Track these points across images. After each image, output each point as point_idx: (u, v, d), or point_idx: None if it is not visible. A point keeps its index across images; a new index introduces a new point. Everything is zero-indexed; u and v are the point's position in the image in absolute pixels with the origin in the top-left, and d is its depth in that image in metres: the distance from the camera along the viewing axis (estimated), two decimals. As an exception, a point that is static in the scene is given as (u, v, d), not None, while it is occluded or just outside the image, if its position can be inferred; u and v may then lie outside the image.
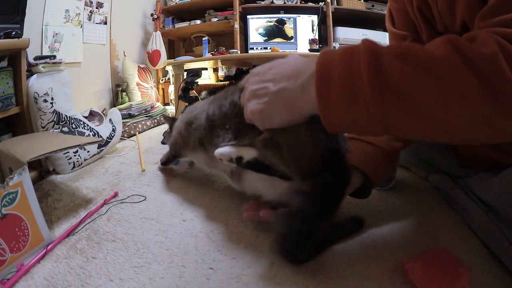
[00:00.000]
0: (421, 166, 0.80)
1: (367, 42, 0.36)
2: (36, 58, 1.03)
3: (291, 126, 0.43)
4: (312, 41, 2.02)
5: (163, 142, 1.26)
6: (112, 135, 1.14)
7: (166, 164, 0.88)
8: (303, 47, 2.14)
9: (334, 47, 2.05)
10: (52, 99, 0.97)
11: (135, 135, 1.50)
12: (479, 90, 0.32)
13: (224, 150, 0.52)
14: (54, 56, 1.08)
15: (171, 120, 0.85)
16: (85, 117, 1.16)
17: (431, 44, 0.35)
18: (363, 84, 0.34)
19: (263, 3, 2.17)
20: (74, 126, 1.02)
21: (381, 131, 0.36)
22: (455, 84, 0.32)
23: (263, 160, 0.48)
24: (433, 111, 0.34)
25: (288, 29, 2.17)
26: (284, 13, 2.17)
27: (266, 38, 2.21)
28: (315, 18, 2.14)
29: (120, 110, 1.44)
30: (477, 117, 0.33)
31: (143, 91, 1.91)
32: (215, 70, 2.49)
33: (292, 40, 2.17)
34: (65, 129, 0.99)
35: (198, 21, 2.21)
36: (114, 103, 1.84)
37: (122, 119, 1.28)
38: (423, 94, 0.33)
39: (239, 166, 0.51)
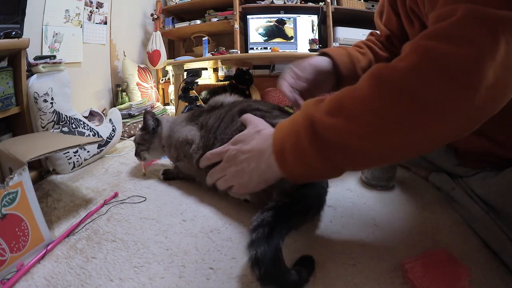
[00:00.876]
0: (421, 166, 0.80)
1: (305, 109, 0.43)
2: (36, 58, 1.03)
3: None
4: (312, 41, 2.02)
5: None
6: (112, 135, 1.14)
7: (171, 179, 0.86)
8: (303, 47, 2.14)
9: (334, 47, 2.05)
10: (52, 99, 0.97)
11: (135, 135, 1.50)
12: (402, 115, 0.35)
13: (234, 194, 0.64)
14: (54, 56, 1.08)
15: (155, 121, 0.83)
16: (85, 117, 1.16)
17: (360, 82, 0.39)
18: (309, 151, 0.41)
19: (263, 3, 2.17)
20: (74, 126, 1.02)
21: (341, 173, 0.43)
22: (379, 120, 0.36)
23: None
24: (374, 148, 0.38)
25: (288, 29, 2.17)
26: (284, 13, 2.17)
27: (266, 38, 2.20)
28: (315, 18, 2.14)
29: (120, 110, 1.44)
30: (416, 137, 0.37)
31: (143, 91, 1.91)
32: (215, 70, 2.49)
33: (292, 40, 2.17)
34: (65, 129, 0.99)
35: (198, 21, 2.21)
36: (114, 103, 1.84)
37: (122, 119, 1.28)
38: (355, 138, 0.38)
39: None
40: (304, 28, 2.16)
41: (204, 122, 0.74)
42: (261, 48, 2.21)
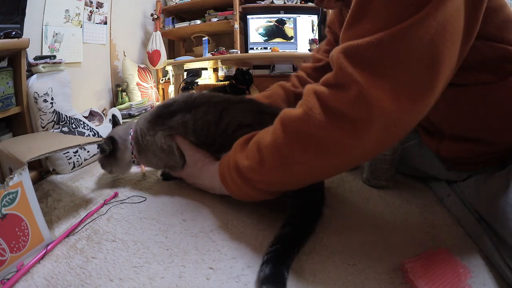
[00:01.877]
0: (415, 172, 0.80)
1: (233, 153, 0.56)
2: (36, 58, 1.03)
3: None
4: (312, 41, 2.02)
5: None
6: (112, 135, 1.14)
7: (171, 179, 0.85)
8: (303, 47, 2.14)
9: (334, 47, 2.05)
10: (52, 99, 0.97)
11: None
12: (303, 156, 0.45)
13: None
14: (54, 56, 1.08)
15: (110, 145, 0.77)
16: (85, 117, 1.16)
17: (274, 125, 0.49)
18: (241, 184, 0.54)
19: (263, 3, 2.17)
20: (74, 126, 1.02)
21: (273, 196, 0.56)
22: (285, 163, 0.47)
23: None
24: (283, 178, 0.50)
25: (288, 29, 2.17)
26: (284, 13, 2.17)
27: (266, 38, 2.21)
28: (315, 18, 2.14)
29: (120, 110, 1.44)
30: (314, 168, 0.47)
31: (143, 91, 1.91)
32: (215, 70, 2.49)
33: (292, 40, 2.17)
34: (65, 129, 0.99)
35: (198, 21, 2.21)
36: (114, 103, 1.84)
37: (122, 119, 1.28)
38: (267, 174, 0.50)
39: None
40: (304, 28, 2.16)
41: (187, 122, 0.70)
42: (261, 48, 2.21)
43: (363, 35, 0.39)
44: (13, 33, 0.85)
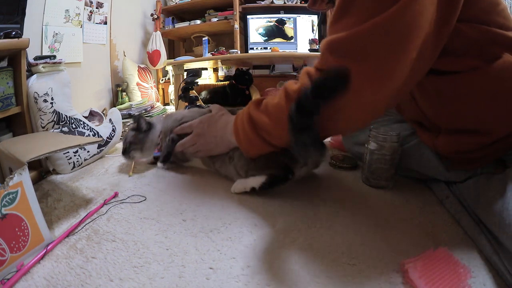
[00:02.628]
0: (414, 174, 0.80)
1: (249, 108, 0.66)
2: (36, 58, 1.03)
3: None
4: (312, 41, 2.02)
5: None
6: (112, 135, 1.14)
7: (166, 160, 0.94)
8: (303, 47, 2.14)
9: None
10: (52, 99, 0.97)
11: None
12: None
13: (238, 188, 0.75)
14: (54, 56, 1.08)
15: (147, 124, 0.92)
16: (85, 117, 1.16)
17: (279, 92, 0.61)
18: (250, 132, 0.64)
19: (263, 3, 2.17)
20: (74, 126, 1.02)
21: (270, 146, 0.65)
22: (281, 116, 0.57)
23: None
24: (281, 132, 0.59)
25: (288, 29, 2.17)
26: (284, 13, 2.17)
27: (266, 38, 2.21)
28: (315, 18, 2.14)
29: (120, 110, 1.44)
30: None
31: (143, 91, 1.91)
32: (215, 70, 2.49)
33: (292, 40, 2.17)
34: (65, 129, 0.99)
35: (198, 21, 2.21)
36: (114, 103, 1.84)
37: (122, 119, 1.28)
38: (272, 126, 0.61)
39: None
40: (304, 28, 2.16)
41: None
42: (261, 48, 2.21)
43: (342, 30, 0.47)
44: (13, 33, 0.85)
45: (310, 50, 2.01)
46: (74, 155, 0.97)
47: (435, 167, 0.70)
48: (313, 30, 2.16)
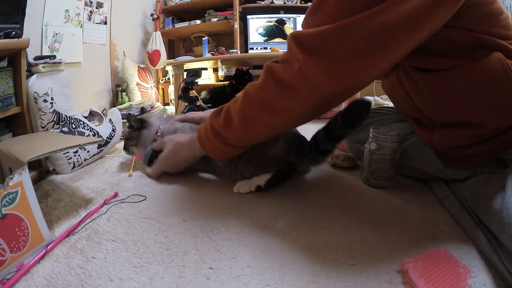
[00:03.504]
0: (414, 173, 0.80)
1: (210, 121, 0.68)
2: (36, 58, 1.03)
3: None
4: (312, 41, 2.02)
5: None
6: (112, 135, 1.14)
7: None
8: (303, 47, 2.13)
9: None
10: (52, 99, 0.97)
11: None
12: (261, 115, 0.58)
13: (243, 188, 0.75)
14: (54, 56, 1.08)
15: (138, 122, 0.96)
16: (85, 117, 1.16)
17: (238, 97, 0.62)
18: (219, 145, 0.67)
19: (263, 3, 2.17)
20: (74, 126, 1.02)
21: (239, 150, 0.68)
22: (248, 119, 0.60)
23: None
24: (243, 135, 0.64)
25: (288, 29, 2.17)
26: (284, 13, 2.17)
27: (266, 38, 2.21)
28: (315, 18, 2.13)
29: (120, 110, 1.44)
30: (263, 126, 0.61)
31: (143, 91, 1.91)
32: (215, 70, 2.49)
33: (292, 40, 2.17)
34: (65, 129, 0.99)
35: (198, 21, 2.21)
36: (114, 103, 1.84)
37: (122, 119, 1.28)
38: (236, 132, 0.63)
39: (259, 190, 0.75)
40: (304, 28, 2.16)
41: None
42: (261, 48, 2.21)
43: (312, 26, 0.50)
44: (13, 33, 0.85)
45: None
46: (74, 155, 0.97)
47: (435, 164, 0.70)
48: (313, 30, 2.16)
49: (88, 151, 1.02)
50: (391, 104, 1.29)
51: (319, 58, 0.49)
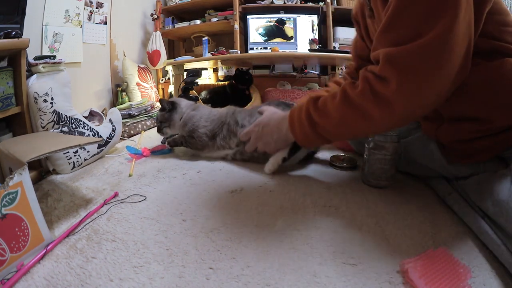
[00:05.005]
0: (417, 170, 0.80)
1: (307, 104, 0.71)
2: (36, 58, 1.03)
3: None
4: (312, 41, 2.02)
5: (163, 142, 1.26)
6: (112, 135, 1.14)
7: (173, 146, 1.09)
8: (303, 47, 2.13)
9: (334, 47, 2.05)
10: (52, 99, 0.97)
11: (135, 135, 1.50)
12: (355, 118, 0.61)
13: (273, 165, 0.87)
14: (54, 56, 1.08)
15: (170, 104, 1.07)
16: (85, 117, 1.16)
17: (337, 92, 0.65)
18: (307, 127, 0.70)
19: (263, 3, 2.17)
20: (74, 126, 1.02)
21: (324, 141, 0.72)
22: (342, 118, 0.63)
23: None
24: (337, 130, 0.67)
25: (288, 29, 2.17)
26: (284, 13, 2.17)
27: (266, 38, 2.20)
28: (315, 18, 2.13)
29: (120, 110, 1.44)
30: (356, 128, 0.64)
31: (143, 91, 1.91)
32: (215, 70, 2.49)
33: (292, 40, 2.17)
34: (65, 129, 0.99)
35: (198, 21, 2.21)
36: (114, 103, 1.84)
37: (122, 119, 1.28)
38: (329, 125, 0.67)
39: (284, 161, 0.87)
40: (304, 28, 2.16)
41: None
42: (261, 48, 2.21)
43: (399, 43, 0.52)
44: (13, 33, 0.85)
45: (310, 50, 2.01)
46: (74, 155, 0.97)
47: (438, 159, 0.71)
48: (313, 30, 2.16)
49: (88, 151, 1.02)
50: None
51: (415, 75, 0.52)
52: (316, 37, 2.11)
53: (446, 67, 0.50)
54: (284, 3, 2.15)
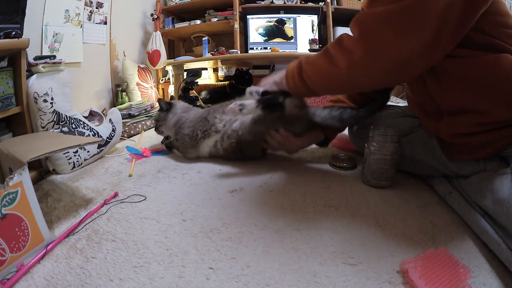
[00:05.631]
0: (417, 168, 0.80)
1: (299, 60, 0.76)
2: (36, 58, 1.03)
3: None
4: (312, 41, 2.02)
5: (163, 142, 1.26)
6: (112, 135, 1.14)
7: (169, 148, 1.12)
8: (303, 47, 2.13)
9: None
10: (52, 99, 0.97)
11: (135, 135, 1.50)
12: (325, 64, 0.67)
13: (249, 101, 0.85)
14: (54, 56, 1.08)
15: (167, 105, 1.11)
16: (85, 117, 1.16)
17: (321, 52, 0.70)
18: (296, 77, 0.74)
19: (263, 3, 2.17)
20: (74, 126, 1.02)
21: (310, 93, 0.75)
22: (317, 63, 0.70)
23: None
24: (322, 82, 0.71)
25: (288, 29, 2.17)
26: (284, 13, 2.17)
27: (266, 38, 2.20)
28: (315, 18, 2.14)
29: (120, 110, 1.44)
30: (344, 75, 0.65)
31: (143, 91, 1.91)
32: (215, 70, 2.49)
33: (292, 40, 2.17)
34: (65, 129, 0.99)
35: (198, 21, 2.21)
36: (114, 103, 1.84)
37: (122, 119, 1.28)
38: (310, 70, 0.71)
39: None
40: (304, 28, 2.16)
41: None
42: (261, 48, 2.21)
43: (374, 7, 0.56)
44: (13, 33, 0.85)
45: (310, 50, 2.01)
46: (74, 155, 0.97)
47: (439, 156, 0.71)
48: (313, 30, 2.16)
49: (88, 151, 1.02)
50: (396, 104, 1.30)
51: (373, 33, 0.57)
52: (316, 37, 2.11)
53: (408, 35, 0.53)
54: (284, 3, 2.15)
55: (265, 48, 2.20)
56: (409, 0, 0.51)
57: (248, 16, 2.18)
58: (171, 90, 2.15)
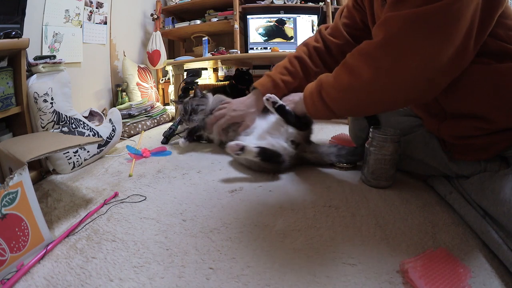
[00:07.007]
0: (418, 168, 0.80)
1: (319, 80, 0.72)
2: (36, 58, 1.03)
3: None
4: (312, 41, 2.01)
5: (163, 143, 1.26)
6: (112, 135, 1.14)
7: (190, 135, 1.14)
8: (303, 47, 2.13)
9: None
10: (52, 99, 0.97)
11: (135, 135, 1.50)
12: (347, 76, 0.63)
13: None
14: (54, 56, 1.08)
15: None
16: (85, 117, 1.16)
17: (338, 71, 0.66)
18: (315, 96, 0.71)
19: (263, 3, 2.17)
20: (74, 126, 1.02)
21: (330, 113, 0.70)
22: (337, 78, 0.66)
23: None
24: (337, 94, 0.66)
25: (288, 29, 2.17)
26: (284, 13, 2.17)
27: (266, 38, 2.20)
28: (315, 18, 2.13)
29: (120, 110, 1.44)
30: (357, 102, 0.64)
31: (143, 91, 1.91)
32: (215, 70, 2.49)
33: (292, 40, 2.17)
34: (65, 129, 0.99)
35: (198, 21, 2.21)
36: (114, 103, 1.84)
37: (122, 119, 1.28)
38: (330, 86, 0.67)
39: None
40: (304, 28, 2.16)
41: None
42: (261, 48, 2.21)
43: (401, 9, 0.51)
44: (13, 33, 0.85)
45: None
46: (74, 155, 0.97)
47: (439, 156, 0.71)
48: (313, 30, 2.16)
49: (88, 151, 1.02)
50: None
51: (402, 39, 0.52)
52: (316, 37, 2.11)
53: (440, 40, 0.49)
54: (284, 3, 2.15)
55: (265, 48, 2.20)
56: (440, 3, 0.47)
57: (248, 16, 2.18)
58: (171, 90, 2.15)
